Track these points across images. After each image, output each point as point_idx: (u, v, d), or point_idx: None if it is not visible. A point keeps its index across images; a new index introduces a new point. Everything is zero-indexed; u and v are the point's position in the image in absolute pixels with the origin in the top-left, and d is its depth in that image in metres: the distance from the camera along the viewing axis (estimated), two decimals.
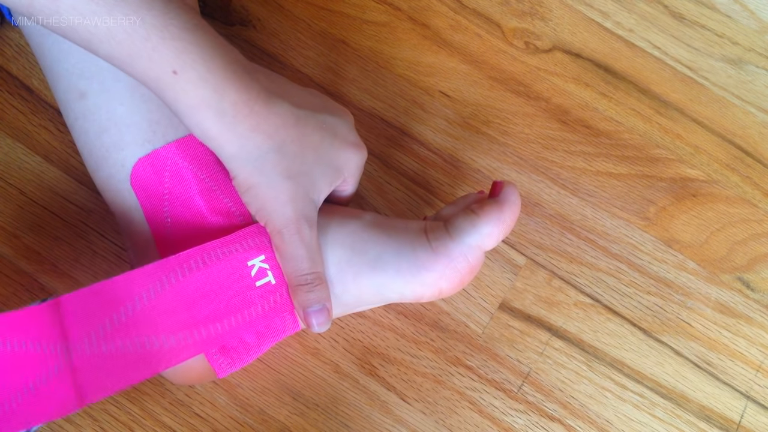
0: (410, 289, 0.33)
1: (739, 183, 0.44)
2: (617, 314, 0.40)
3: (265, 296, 0.32)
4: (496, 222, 0.33)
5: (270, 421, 0.36)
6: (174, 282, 0.31)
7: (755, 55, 0.47)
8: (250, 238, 0.32)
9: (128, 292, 0.30)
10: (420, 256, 0.33)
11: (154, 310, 0.30)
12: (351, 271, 0.33)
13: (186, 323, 0.31)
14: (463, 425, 0.37)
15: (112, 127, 0.32)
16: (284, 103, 0.30)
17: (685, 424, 0.38)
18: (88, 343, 0.29)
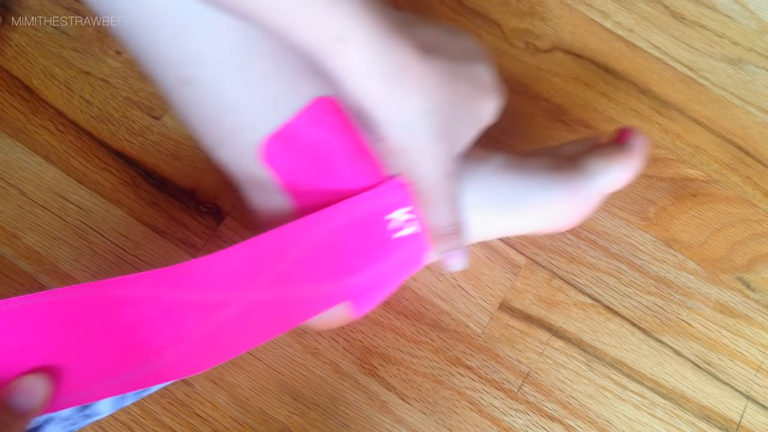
0: (538, 223, 0.35)
1: (739, 183, 0.44)
2: (617, 314, 0.40)
3: (404, 246, 0.34)
4: (627, 168, 0.35)
5: (270, 421, 0.36)
6: (320, 237, 0.32)
7: (755, 55, 0.47)
8: (390, 193, 0.33)
9: (278, 246, 0.31)
10: (553, 193, 0.35)
11: (303, 263, 0.31)
12: (485, 213, 0.35)
13: (331, 275, 0.32)
14: (463, 425, 0.37)
15: (230, 112, 0.31)
16: (438, 59, 0.29)
17: (685, 424, 0.38)
18: (243, 295, 0.30)
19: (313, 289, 0.32)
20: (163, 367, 0.29)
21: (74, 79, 0.42)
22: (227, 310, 0.30)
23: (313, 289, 0.32)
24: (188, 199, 0.40)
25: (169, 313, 0.29)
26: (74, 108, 0.41)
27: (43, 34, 0.43)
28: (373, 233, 0.33)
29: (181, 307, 0.29)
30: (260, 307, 0.31)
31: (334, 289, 0.33)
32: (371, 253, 0.33)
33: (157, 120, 0.42)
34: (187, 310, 0.29)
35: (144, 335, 0.29)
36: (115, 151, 0.41)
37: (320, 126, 0.32)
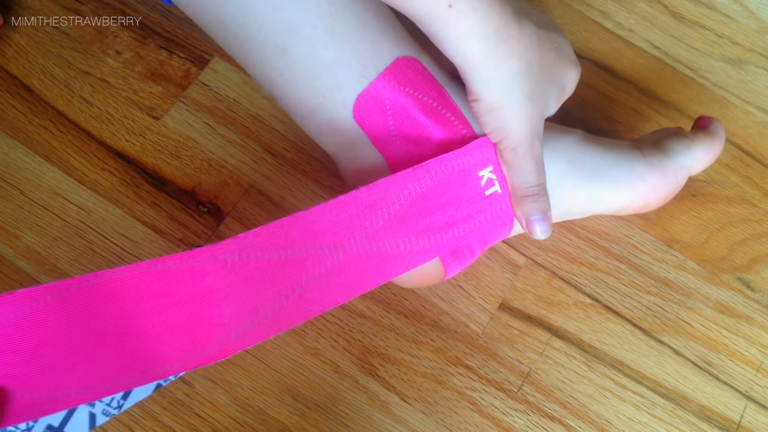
0: (621, 200, 0.36)
1: (739, 183, 0.44)
2: (617, 314, 0.40)
3: (492, 205, 0.34)
4: (708, 149, 0.37)
5: (270, 421, 0.36)
6: (414, 192, 0.33)
7: (755, 55, 0.47)
8: (479, 150, 0.34)
9: (381, 200, 0.32)
10: (635, 167, 0.36)
11: (398, 217, 0.33)
12: (568, 183, 0.36)
13: (426, 229, 0.33)
14: (463, 425, 0.37)
15: (323, 73, 0.33)
16: (531, 23, 0.31)
17: (685, 424, 0.38)
18: (347, 247, 0.32)
19: (407, 244, 0.33)
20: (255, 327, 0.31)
21: (74, 79, 0.42)
22: (320, 267, 0.32)
23: (407, 244, 0.33)
24: (188, 199, 0.40)
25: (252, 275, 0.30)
26: (74, 108, 0.41)
27: (43, 34, 0.43)
28: (465, 188, 0.34)
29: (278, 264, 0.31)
30: (355, 260, 0.32)
31: (427, 245, 0.33)
32: (463, 209, 0.34)
33: (157, 120, 0.42)
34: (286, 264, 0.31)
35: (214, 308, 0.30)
36: (115, 151, 0.41)
37: (405, 83, 0.33)
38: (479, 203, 0.34)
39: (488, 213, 0.34)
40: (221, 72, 0.43)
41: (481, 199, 0.34)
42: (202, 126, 0.42)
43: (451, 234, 0.34)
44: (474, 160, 0.34)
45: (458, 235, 0.34)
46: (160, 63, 0.43)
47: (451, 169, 0.33)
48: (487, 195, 0.34)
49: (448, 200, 0.34)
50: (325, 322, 0.38)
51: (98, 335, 0.28)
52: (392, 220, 0.33)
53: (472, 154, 0.34)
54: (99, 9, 0.44)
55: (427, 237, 0.33)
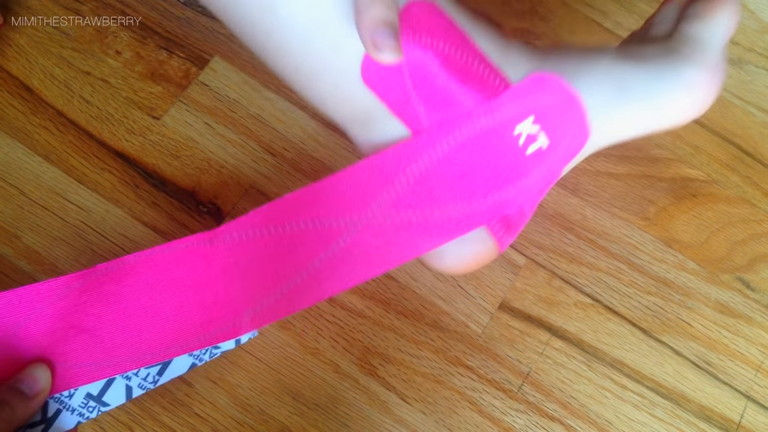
0: (678, 112, 0.31)
1: (739, 183, 0.44)
2: (617, 314, 0.40)
3: (537, 163, 0.30)
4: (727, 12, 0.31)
5: (270, 421, 0.36)
6: (441, 153, 0.29)
7: (755, 55, 0.47)
8: (512, 103, 0.29)
9: (397, 166, 0.29)
10: (685, 73, 0.30)
11: (428, 181, 0.29)
12: (619, 111, 0.31)
13: (462, 194, 0.30)
14: (463, 425, 0.37)
15: (321, 29, 0.28)
16: None
17: (685, 424, 0.38)
18: (365, 219, 0.29)
19: (443, 211, 0.29)
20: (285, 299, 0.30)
21: (74, 79, 0.42)
22: (338, 240, 0.29)
23: (442, 211, 0.29)
24: (188, 199, 0.40)
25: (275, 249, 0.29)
26: (74, 108, 0.41)
27: (43, 34, 0.43)
28: (500, 150, 0.29)
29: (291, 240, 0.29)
30: (376, 232, 0.29)
31: (466, 211, 0.30)
32: (504, 171, 0.30)
33: (157, 120, 0.42)
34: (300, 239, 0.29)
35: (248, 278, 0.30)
36: (115, 151, 0.41)
37: (421, 33, 0.28)
38: (520, 164, 0.30)
39: (534, 173, 0.30)
40: (221, 72, 0.43)
41: (522, 160, 0.29)
42: (202, 126, 0.42)
43: (491, 199, 0.30)
44: (508, 116, 0.29)
45: (500, 199, 0.30)
46: (160, 63, 0.43)
47: (480, 130, 0.29)
48: (529, 154, 0.29)
49: (482, 164, 0.29)
50: (325, 322, 0.38)
51: (124, 315, 0.31)
52: (413, 188, 0.29)
53: (503, 109, 0.29)
54: (99, 9, 0.44)
55: (464, 203, 0.30)
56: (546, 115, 0.29)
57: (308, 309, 0.38)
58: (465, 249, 0.32)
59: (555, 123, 0.30)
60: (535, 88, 0.29)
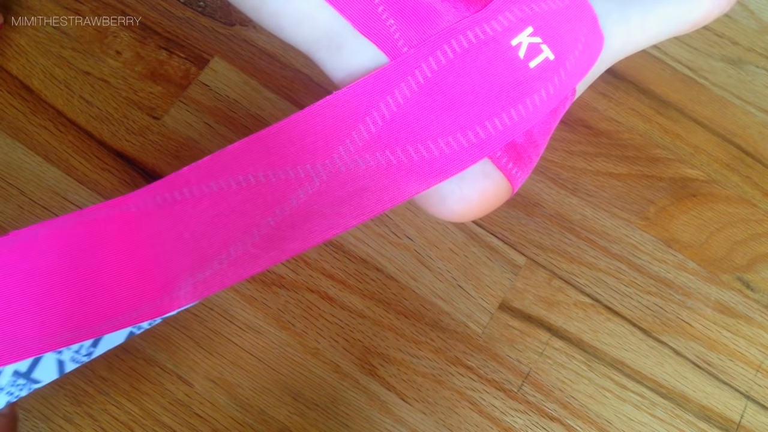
0: (696, 9, 0.28)
1: (739, 183, 0.44)
2: (617, 314, 0.40)
3: (546, 77, 0.25)
4: None
5: (270, 421, 0.36)
6: (422, 79, 0.24)
7: (755, 55, 0.47)
8: (506, 10, 0.25)
9: (368, 100, 0.24)
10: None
11: (407, 115, 0.25)
12: (634, 13, 0.27)
13: (454, 125, 0.25)
14: (463, 425, 0.37)
15: None
16: None
17: (685, 424, 0.38)
18: (329, 166, 0.24)
19: (430, 147, 0.25)
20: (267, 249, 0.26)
21: (74, 79, 0.42)
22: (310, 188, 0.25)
23: (429, 147, 0.25)
24: None
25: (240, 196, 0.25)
26: (74, 108, 0.41)
27: (43, 34, 0.43)
28: (497, 62, 0.25)
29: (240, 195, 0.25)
30: (357, 176, 0.25)
31: (461, 143, 0.25)
32: (505, 90, 0.25)
33: (157, 120, 0.42)
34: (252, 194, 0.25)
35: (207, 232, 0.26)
36: (115, 151, 0.41)
37: None
38: (526, 80, 0.25)
39: (543, 90, 0.25)
40: (221, 72, 0.43)
41: (526, 74, 0.25)
42: (202, 126, 0.42)
43: (491, 126, 0.25)
44: (501, 26, 0.25)
45: (503, 126, 0.25)
46: (160, 63, 0.43)
47: (469, 44, 0.25)
48: (533, 67, 0.25)
49: (478, 84, 0.25)
50: (325, 322, 0.38)
51: (46, 288, 0.26)
52: (390, 125, 0.25)
53: (492, 21, 0.25)
54: (99, 9, 0.44)
55: (457, 134, 0.25)
56: (547, 24, 0.25)
57: (308, 309, 0.38)
58: (468, 188, 0.27)
59: (559, 32, 0.26)
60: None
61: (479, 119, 0.25)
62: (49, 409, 0.35)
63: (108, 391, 0.36)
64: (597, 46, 0.26)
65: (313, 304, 0.38)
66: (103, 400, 0.36)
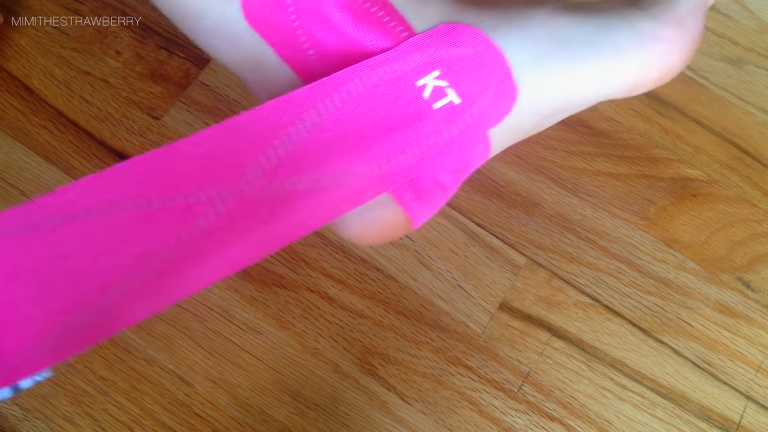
0: (633, 72, 0.26)
1: (739, 183, 0.44)
2: (617, 314, 0.40)
3: (450, 119, 0.26)
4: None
5: (270, 421, 0.36)
6: (331, 108, 0.25)
7: (755, 55, 0.47)
8: (415, 53, 0.25)
9: (276, 125, 0.24)
10: (639, 25, 0.26)
11: (312, 143, 0.24)
12: (555, 66, 0.26)
13: (357, 157, 0.25)
14: (463, 425, 0.37)
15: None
16: None
17: (685, 424, 0.38)
18: (236, 190, 0.23)
19: (333, 177, 0.25)
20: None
21: (74, 79, 0.42)
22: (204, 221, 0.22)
23: (331, 178, 0.25)
24: None
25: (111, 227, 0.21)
26: (74, 108, 0.41)
27: (43, 34, 0.43)
28: (403, 103, 0.25)
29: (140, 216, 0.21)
30: (260, 205, 0.23)
31: (364, 176, 0.25)
32: (406, 130, 0.25)
33: (157, 120, 0.42)
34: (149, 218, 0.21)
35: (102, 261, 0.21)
36: (115, 151, 0.41)
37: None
38: (428, 121, 0.26)
39: (445, 132, 0.26)
40: (221, 72, 0.43)
41: (432, 113, 0.26)
42: (202, 126, 0.42)
43: (394, 161, 0.25)
44: (408, 66, 0.25)
45: (405, 162, 0.26)
46: (160, 63, 0.43)
47: (377, 78, 0.25)
48: (437, 108, 0.26)
49: (383, 120, 0.25)
50: (325, 322, 0.38)
51: None
52: (296, 150, 0.24)
53: (403, 58, 0.25)
54: (99, 9, 0.44)
55: (360, 166, 0.25)
56: (455, 70, 0.26)
57: (308, 309, 0.38)
58: (368, 215, 0.28)
59: (468, 78, 0.26)
60: (443, 38, 0.26)
61: (382, 153, 0.25)
62: (49, 409, 0.35)
63: (108, 391, 0.36)
64: (510, 96, 0.26)
65: (313, 304, 0.38)
66: (103, 400, 0.36)
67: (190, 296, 0.37)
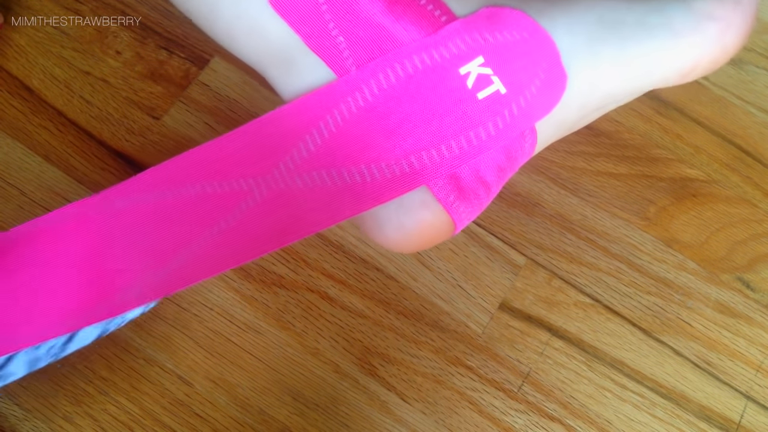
0: (689, 54, 0.24)
1: (739, 183, 0.44)
2: (617, 314, 0.40)
3: (495, 110, 0.24)
4: None
5: (270, 421, 0.36)
6: (364, 100, 0.24)
7: (755, 55, 0.47)
8: (456, 38, 0.24)
9: (311, 117, 0.24)
10: (695, 5, 0.24)
11: (346, 136, 0.24)
12: (607, 51, 0.24)
13: (392, 150, 0.24)
14: (463, 425, 0.37)
15: None
16: None
17: (685, 424, 0.38)
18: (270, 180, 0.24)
19: (367, 169, 0.24)
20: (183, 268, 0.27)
21: (74, 79, 0.42)
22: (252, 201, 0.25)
23: (365, 170, 0.24)
24: None
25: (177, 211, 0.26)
26: (74, 108, 0.41)
27: (43, 34, 0.43)
28: (444, 92, 0.24)
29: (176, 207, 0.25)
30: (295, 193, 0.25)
31: (398, 168, 0.24)
32: (448, 117, 0.24)
33: (157, 120, 0.42)
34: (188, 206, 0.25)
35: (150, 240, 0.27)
36: (115, 151, 0.41)
37: None
38: (470, 110, 0.24)
39: (490, 123, 0.24)
40: (221, 72, 0.43)
41: (473, 105, 0.24)
42: (202, 126, 0.42)
43: (429, 156, 0.24)
44: (451, 53, 0.24)
45: (442, 157, 0.24)
46: (160, 63, 0.43)
47: (414, 69, 0.24)
48: (482, 98, 0.24)
49: (419, 110, 0.24)
50: (325, 322, 0.38)
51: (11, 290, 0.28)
52: (331, 143, 0.24)
53: (445, 45, 0.24)
54: (99, 9, 0.44)
55: (395, 160, 0.24)
56: (500, 56, 0.24)
57: (308, 309, 0.38)
58: (406, 216, 0.26)
59: (513, 65, 0.24)
60: (486, 23, 0.24)
61: (418, 147, 0.24)
62: (49, 409, 0.35)
63: (108, 391, 0.36)
64: (559, 85, 0.25)
65: (313, 304, 0.38)
66: (103, 400, 0.36)
67: (190, 296, 0.37)
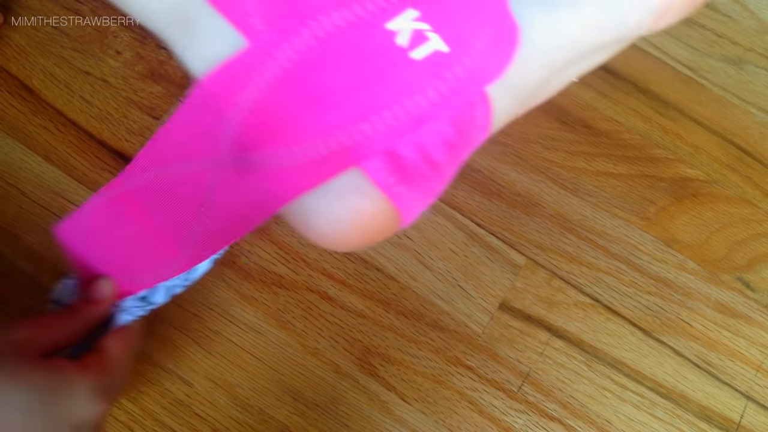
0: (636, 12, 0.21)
1: (739, 183, 0.44)
2: (617, 314, 0.40)
3: (435, 73, 0.20)
4: None
5: (270, 421, 0.36)
6: (281, 68, 0.20)
7: (755, 55, 0.47)
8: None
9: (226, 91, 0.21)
10: None
11: (260, 116, 0.20)
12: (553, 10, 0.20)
13: (314, 126, 0.20)
14: (463, 425, 0.37)
15: None
16: None
17: (685, 424, 0.38)
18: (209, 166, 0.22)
19: (291, 149, 0.20)
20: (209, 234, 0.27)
21: (74, 79, 0.42)
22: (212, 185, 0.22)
23: (289, 150, 0.20)
24: None
25: None
26: (74, 108, 0.41)
27: (43, 34, 0.43)
28: (365, 51, 0.20)
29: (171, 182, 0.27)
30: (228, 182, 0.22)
31: (327, 145, 0.20)
32: (372, 84, 0.20)
33: (157, 120, 0.42)
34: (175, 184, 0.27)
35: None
36: (115, 151, 0.41)
37: None
38: (407, 74, 0.20)
39: (431, 89, 0.20)
40: None
41: (409, 67, 0.20)
42: None
43: (364, 130, 0.20)
44: (372, 6, 0.20)
45: (380, 130, 0.20)
46: (160, 63, 0.43)
47: (335, 26, 0.20)
48: (419, 60, 0.20)
49: (346, 77, 0.20)
50: (325, 322, 0.38)
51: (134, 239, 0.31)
52: (249, 120, 0.20)
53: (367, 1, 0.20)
54: (99, 9, 0.44)
55: (318, 140, 0.20)
56: (438, 10, 0.20)
57: (308, 309, 0.38)
58: (337, 205, 0.22)
59: (454, 19, 0.20)
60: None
61: (345, 120, 0.20)
62: None
63: None
64: (510, 39, 0.21)
65: (313, 304, 0.38)
66: None
67: (190, 296, 0.37)
